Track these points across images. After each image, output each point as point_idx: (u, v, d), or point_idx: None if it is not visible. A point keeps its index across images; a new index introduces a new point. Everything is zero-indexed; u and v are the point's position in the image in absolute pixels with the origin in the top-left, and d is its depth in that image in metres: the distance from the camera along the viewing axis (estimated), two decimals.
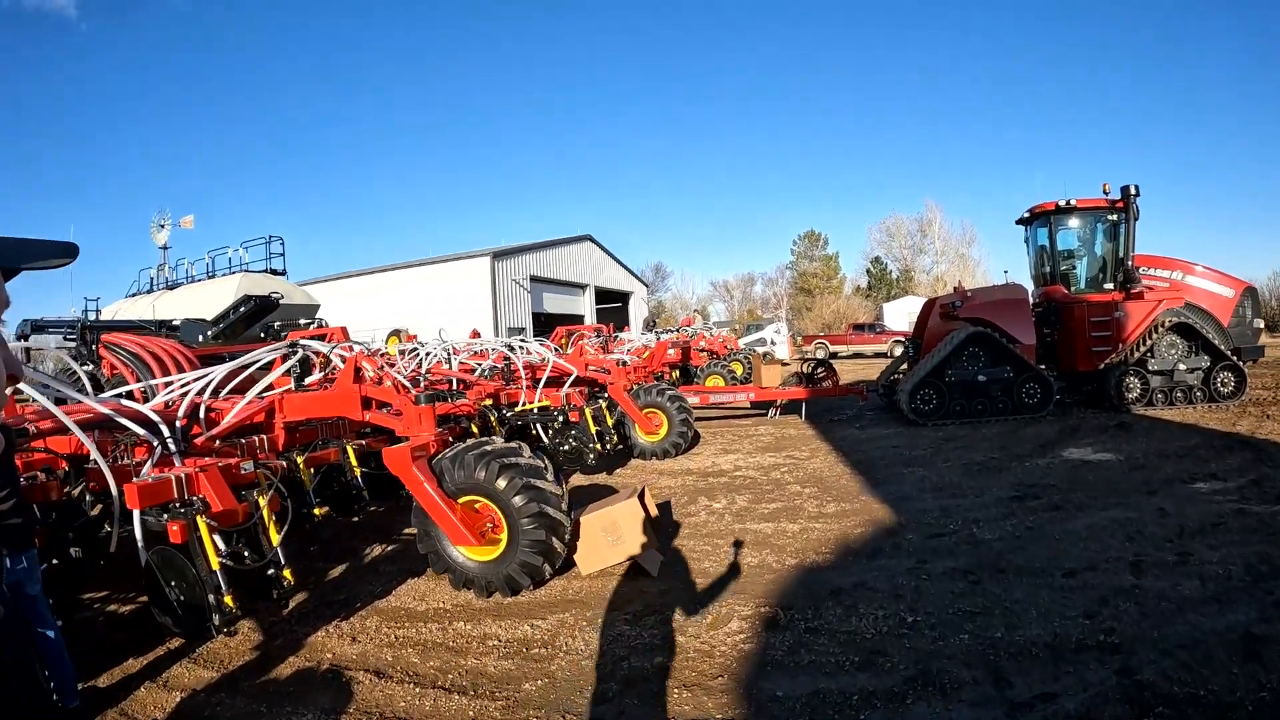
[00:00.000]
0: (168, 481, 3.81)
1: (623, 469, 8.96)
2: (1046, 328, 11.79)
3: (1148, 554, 4.80)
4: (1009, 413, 10.74)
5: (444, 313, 27.50)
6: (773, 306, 65.47)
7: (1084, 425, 10.24)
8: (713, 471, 8.40)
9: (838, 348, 34.27)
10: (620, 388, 9.25)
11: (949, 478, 7.31)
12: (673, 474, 8.44)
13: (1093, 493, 6.47)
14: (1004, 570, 4.61)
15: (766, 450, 9.49)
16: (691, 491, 7.45)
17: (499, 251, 29.98)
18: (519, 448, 5.08)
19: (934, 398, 10.66)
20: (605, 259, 42.55)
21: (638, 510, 5.10)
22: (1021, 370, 10.72)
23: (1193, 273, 11.97)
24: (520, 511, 4.71)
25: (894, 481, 7.30)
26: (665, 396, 9.27)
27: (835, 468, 8.12)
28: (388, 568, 5.60)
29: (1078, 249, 12.01)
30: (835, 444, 9.62)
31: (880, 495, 6.72)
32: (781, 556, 5.18)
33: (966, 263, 61.15)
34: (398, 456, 4.83)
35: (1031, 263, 12.77)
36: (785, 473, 8.00)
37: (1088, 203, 11.58)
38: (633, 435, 9.39)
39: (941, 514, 5.98)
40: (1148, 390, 11.29)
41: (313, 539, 6.45)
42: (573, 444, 8.02)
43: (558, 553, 4.83)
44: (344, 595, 5.02)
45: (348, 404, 5.48)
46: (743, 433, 11.06)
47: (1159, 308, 11.30)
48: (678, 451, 9.33)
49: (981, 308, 10.95)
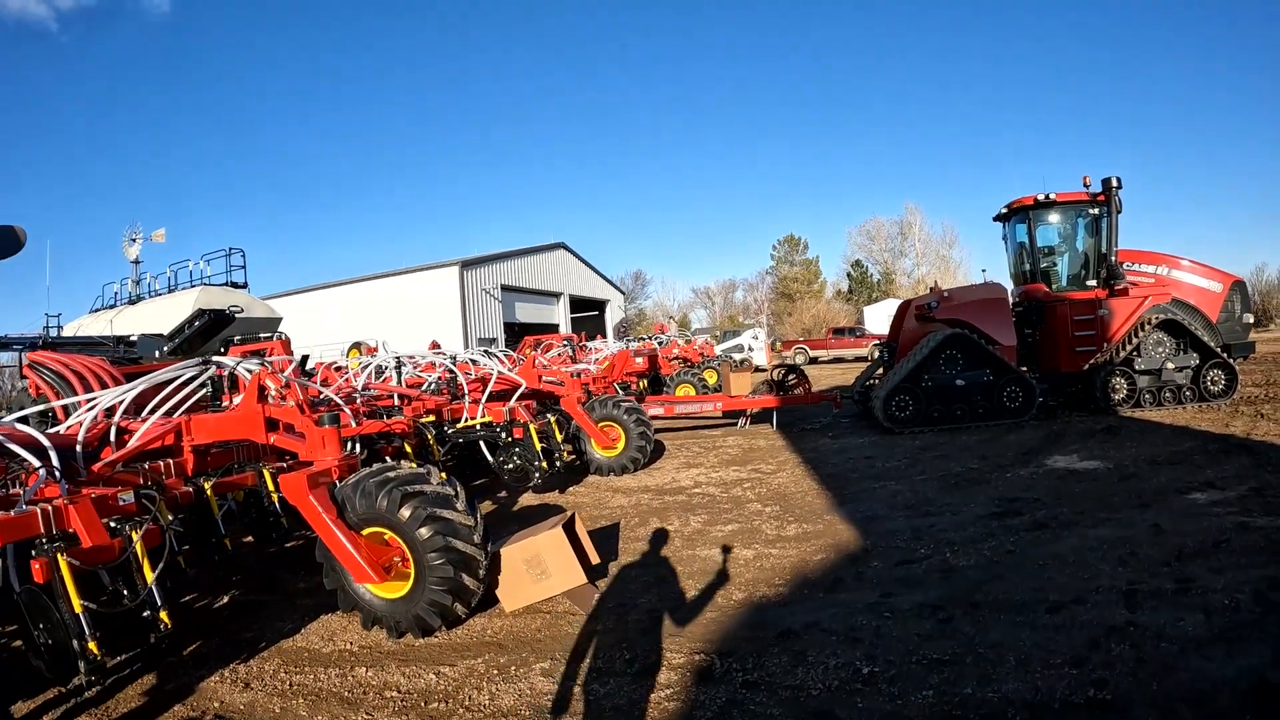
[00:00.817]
0: (32, 515, 3.36)
1: (577, 486, 8.31)
2: (1027, 328, 11.26)
3: (1143, 582, 4.20)
4: (990, 418, 10.17)
5: (412, 324, 26.81)
6: (754, 312, 65.04)
7: (1069, 430, 9.69)
8: (671, 489, 7.76)
9: (818, 352, 33.77)
10: (574, 400, 8.62)
11: (924, 493, 6.70)
12: (628, 492, 7.79)
13: (1080, 507, 5.88)
14: (979, 605, 3.99)
15: (731, 464, 8.86)
16: (644, 512, 6.81)
17: (467, 261, 29.22)
18: (426, 473, 4.44)
19: (910, 404, 10.07)
20: (580, 267, 41.81)
21: (562, 541, 4.46)
22: (1002, 373, 10.17)
23: (1179, 267, 11.48)
24: (426, 545, 4.12)
25: (864, 498, 6.68)
26: (622, 409, 8.64)
27: (801, 483, 7.50)
28: (305, 601, 5.05)
29: (1058, 245, 11.48)
30: (805, 456, 9.00)
31: (847, 514, 6.10)
32: (730, 590, 4.54)
33: (948, 264, 61.02)
34: (293, 484, 4.26)
35: (1010, 260, 12.24)
36: (748, 489, 7.37)
37: (1068, 196, 11.07)
38: (588, 450, 8.75)
39: (913, 536, 5.36)
40: (1135, 391, 10.77)
41: (235, 570, 5.93)
42: (517, 462, 7.39)
43: (470, 590, 4.22)
44: (251, 633, 4.57)
45: (252, 426, 4.95)
46: (709, 444, 10.43)
47: (1145, 304, 10.80)
48: (636, 467, 8.69)
49: (959, 308, 10.39)
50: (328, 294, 31.65)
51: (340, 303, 30.76)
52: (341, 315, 29.71)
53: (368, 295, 30.29)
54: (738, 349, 29.05)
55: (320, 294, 31.93)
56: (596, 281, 43.99)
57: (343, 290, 31.27)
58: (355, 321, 28.40)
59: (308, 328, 27.41)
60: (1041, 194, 11.03)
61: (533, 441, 7.16)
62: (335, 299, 31.08)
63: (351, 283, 31.20)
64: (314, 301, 31.66)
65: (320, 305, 31.16)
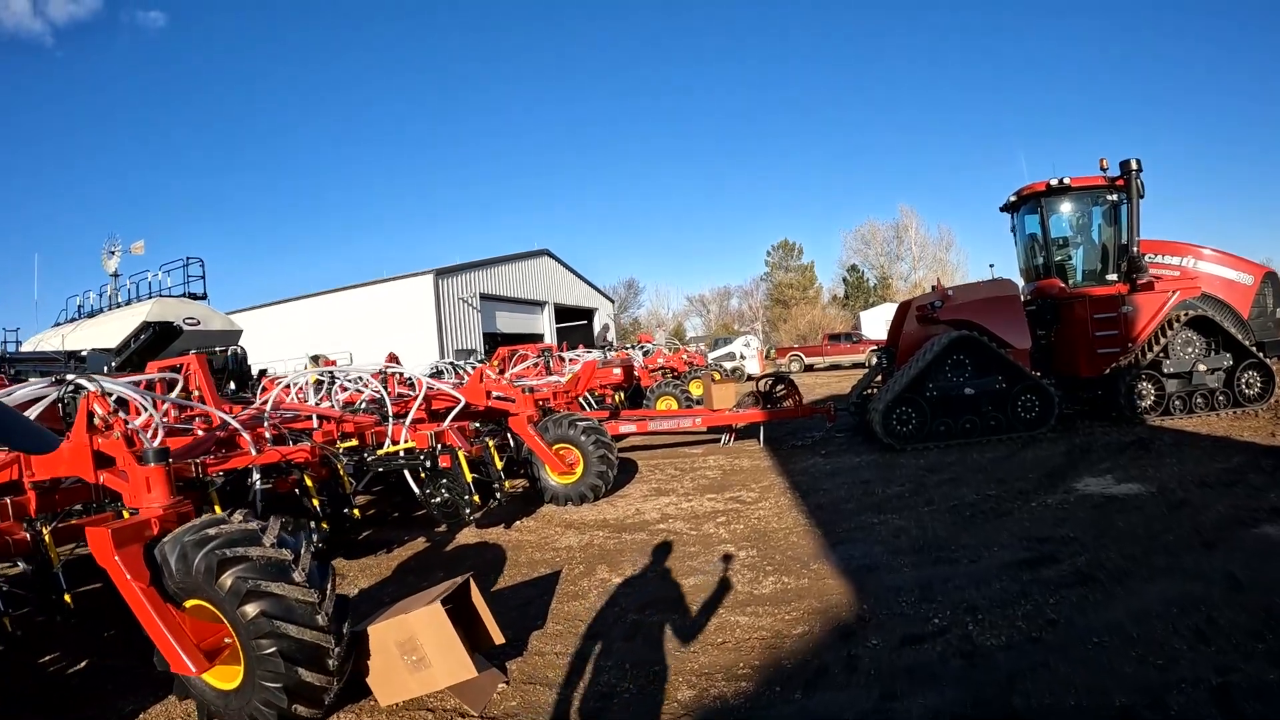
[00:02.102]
0: None
1: (527, 519, 7.12)
2: (1040, 329, 10.07)
3: (1235, 668, 3.05)
4: (1003, 431, 8.98)
5: (387, 336, 25.60)
6: (749, 320, 63.85)
7: (1094, 444, 8.50)
8: (632, 523, 6.56)
9: (814, 359, 32.52)
10: (524, 420, 7.43)
11: (933, 530, 5.49)
12: (582, 526, 6.61)
13: (1129, 549, 4.70)
14: (1020, 718, 2.81)
15: (708, 490, 7.66)
16: (594, 556, 5.61)
17: (442, 269, 27.92)
18: (257, 531, 3.26)
19: (913, 416, 8.87)
20: (565, 274, 40.45)
21: (441, 621, 3.28)
22: (1016, 379, 8.97)
23: (1204, 258, 10.34)
24: (250, 629, 3.04)
25: (859, 537, 5.48)
26: (579, 429, 7.44)
27: (786, 516, 6.30)
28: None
29: (1074, 236, 10.33)
30: (792, 480, 7.80)
31: (838, 562, 4.90)
32: (676, 686, 3.35)
33: (945, 267, 59.85)
34: (98, 541, 3.17)
35: (1020, 254, 11.07)
36: (722, 525, 6.17)
37: (1084, 181, 9.92)
38: (541, 477, 7.55)
39: (922, 596, 4.17)
40: (1163, 397, 9.60)
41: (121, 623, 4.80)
42: (446, 496, 6.20)
43: (316, 687, 3.10)
44: (87, 713, 3.68)
45: (79, 460, 3.95)
46: (687, 465, 9.23)
47: (1172, 300, 9.63)
48: (596, 495, 7.49)
49: (966, 308, 9.20)
50: (301, 306, 30.41)
51: (314, 315, 29.51)
52: (315, 328, 28.45)
53: (342, 307, 29.04)
54: (729, 357, 27.82)
55: (294, 306, 30.70)
56: (584, 289, 42.74)
57: (317, 302, 30.03)
58: (329, 334, 27.20)
59: (281, 341, 26.25)
60: (1054, 179, 9.88)
61: (462, 471, 5.97)
62: (309, 311, 29.83)
63: (325, 294, 29.96)
64: (287, 314, 30.44)
65: (293, 318, 29.92)
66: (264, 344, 24.57)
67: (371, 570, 5.97)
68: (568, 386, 9.11)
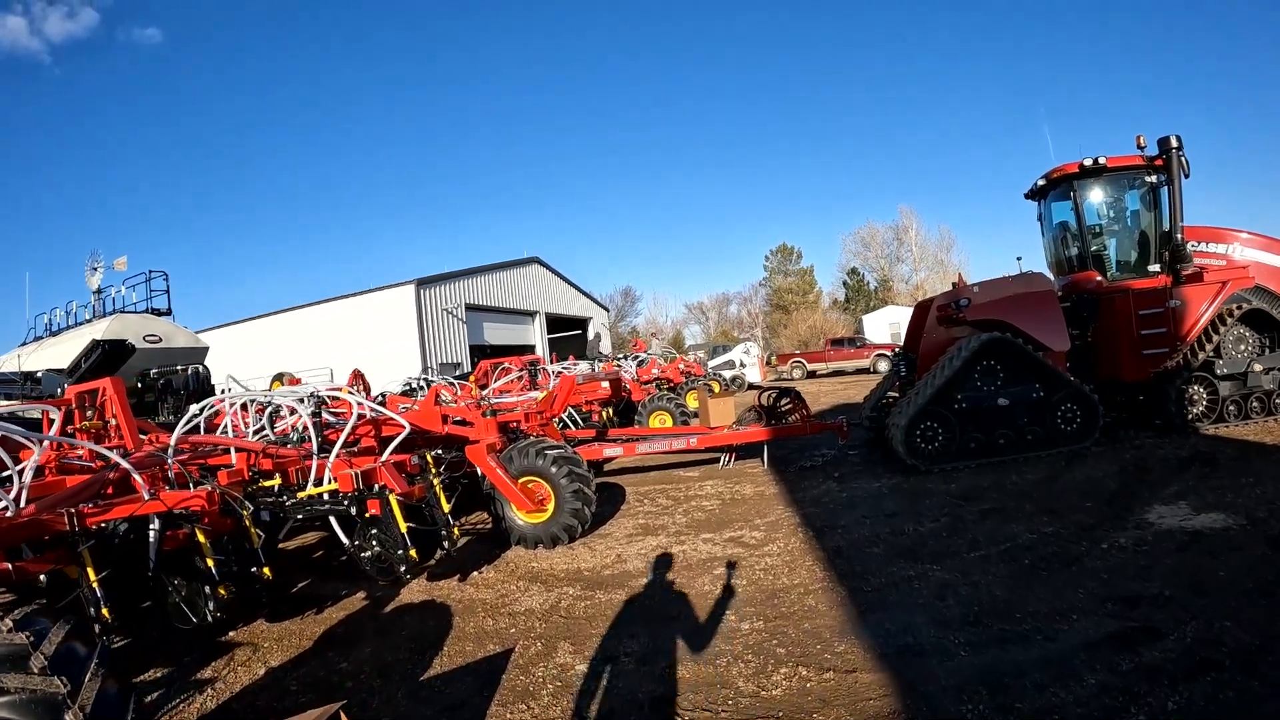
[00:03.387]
0: None
1: (488, 568, 5.96)
2: (1075, 327, 8.91)
3: None
4: (1041, 446, 7.82)
5: (367, 350, 24.45)
6: (748, 326, 62.66)
7: (1149, 460, 7.37)
8: (612, 575, 5.40)
9: (816, 365, 31.34)
10: (483, 450, 6.28)
11: (987, 587, 4.33)
12: (551, 579, 5.45)
13: (1246, 612, 3.57)
14: None
15: (703, 528, 6.49)
16: (557, 627, 4.45)
17: (424, 279, 26.47)
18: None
19: (939, 432, 7.70)
20: (557, 283, 39.03)
21: None
22: (1056, 387, 7.81)
23: (1246, 243, 9.24)
24: None
25: (895, 599, 4.31)
26: (548, 459, 6.27)
27: (799, 566, 5.12)
28: None
29: (1112, 222, 9.19)
30: (803, 512, 6.63)
31: (872, 640, 3.74)
32: None
33: (945, 269, 58.72)
34: None
35: (1049, 245, 9.93)
36: (720, 579, 5.00)
37: (1121, 161, 8.79)
38: (507, 515, 6.40)
39: (991, 699, 3.01)
40: (1216, 402, 8.48)
41: None
42: (377, 549, 5.06)
43: None
44: None
45: None
46: (681, 493, 8.05)
47: (1223, 291, 8.50)
48: (572, 536, 6.33)
49: (995, 306, 8.03)
50: (279, 321, 29.07)
51: (292, 331, 28.21)
52: (293, 344, 27.19)
53: (321, 322, 27.72)
54: (729, 365, 26.61)
55: (271, 321, 29.37)
56: (576, 298, 41.47)
57: (294, 316, 28.68)
58: (307, 350, 25.97)
59: (257, 359, 25.09)
60: (1089, 159, 8.75)
61: (395, 519, 4.81)
62: (287, 326, 28.51)
63: (303, 308, 28.67)
64: (264, 330, 29.14)
65: (270, 334, 28.61)
66: (240, 362, 23.40)
67: (291, 639, 4.83)
68: (542, 405, 7.94)
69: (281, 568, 6.30)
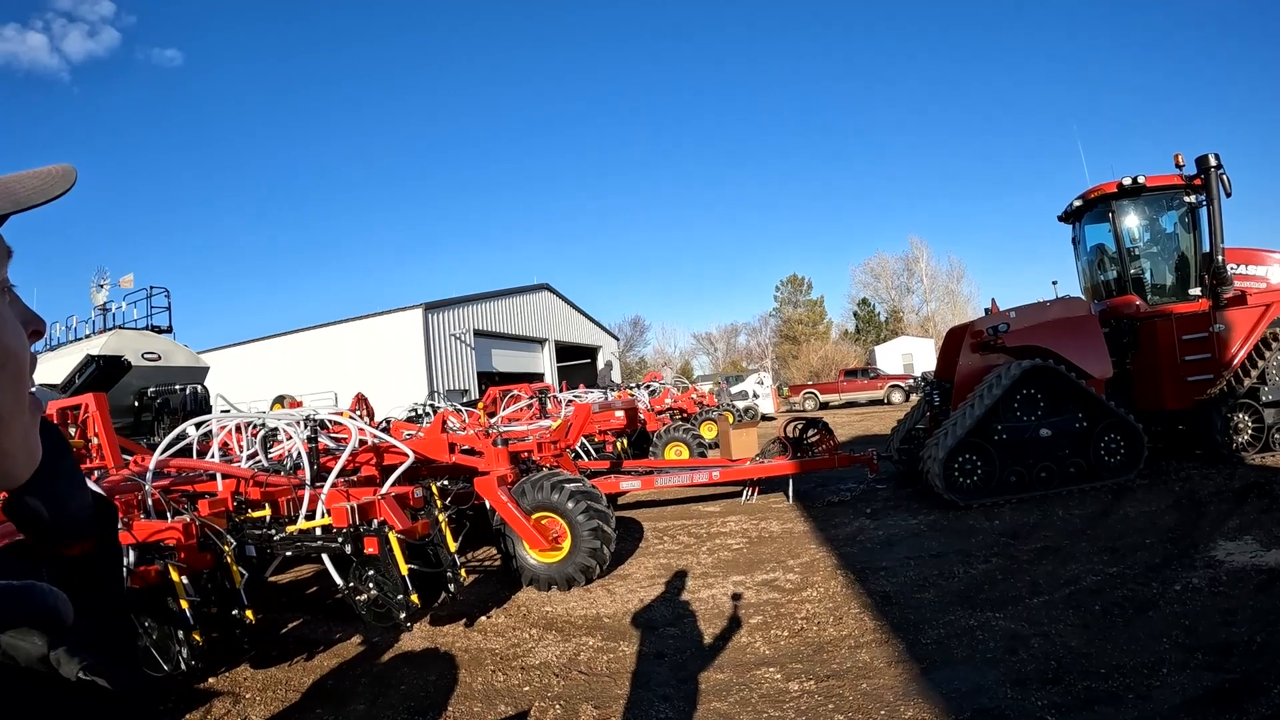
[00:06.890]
0: None
1: (496, 611, 5.50)
2: (1115, 354, 8.48)
3: None
4: (1084, 479, 7.36)
5: (374, 374, 24.05)
6: (757, 357, 62.16)
7: (1200, 493, 6.90)
8: (634, 625, 4.93)
9: (828, 397, 30.81)
10: (493, 482, 5.85)
11: (1059, 637, 3.86)
12: (567, 628, 4.98)
13: None
14: None
15: (732, 569, 6.02)
16: (576, 686, 3.99)
17: (432, 303, 26.15)
18: None
19: (979, 465, 7.23)
20: (567, 310, 38.70)
21: None
22: (1099, 416, 7.37)
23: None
24: None
25: (958, 652, 3.84)
26: (565, 493, 5.84)
27: (844, 614, 4.65)
28: None
29: (1150, 245, 8.80)
30: (839, 552, 6.15)
31: (942, 703, 3.27)
32: None
33: (956, 300, 58.37)
34: None
35: (1084, 269, 9.54)
36: (757, 629, 4.54)
37: (1159, 180, 8.46)
38: (519, 554, 5.94)
39: None
40: (1262, 430, 8.05)
41: None
42: (374, 592, 4.62)
43: None
44: None
45: None
46: (704, 529, 7.58)
47: (1266, 315, 8.11)
48: (589, 578, 5.88)
49: (1035, 332, 7.62)
50: (285, 342, 28.76)
51: (298, 353, 27.88)
52: (299, 366, 26.81)
53: (327, 344, 27.37)
54: (742, 396, 26.11)
55: (277, 342, 29.07)
56: (586, 326, 41.14)
57: (300, 338, 28.37)
58: (313, 373, 25.54)
59: (264, 380, 24.78)
60: (1127, 178, 8.40)
61: (394, 560, 4.38)
62: (293, 348, 28.17)
63: (310, 330, 28.35)
64: (270, 351, 28.80)
65: (277, 356, 28.28)
66: (245, 384, 23.10)
67: (276, 690, 4.37)
68: (556, 435, 7.52)
69: (270, 605, 5.86)
